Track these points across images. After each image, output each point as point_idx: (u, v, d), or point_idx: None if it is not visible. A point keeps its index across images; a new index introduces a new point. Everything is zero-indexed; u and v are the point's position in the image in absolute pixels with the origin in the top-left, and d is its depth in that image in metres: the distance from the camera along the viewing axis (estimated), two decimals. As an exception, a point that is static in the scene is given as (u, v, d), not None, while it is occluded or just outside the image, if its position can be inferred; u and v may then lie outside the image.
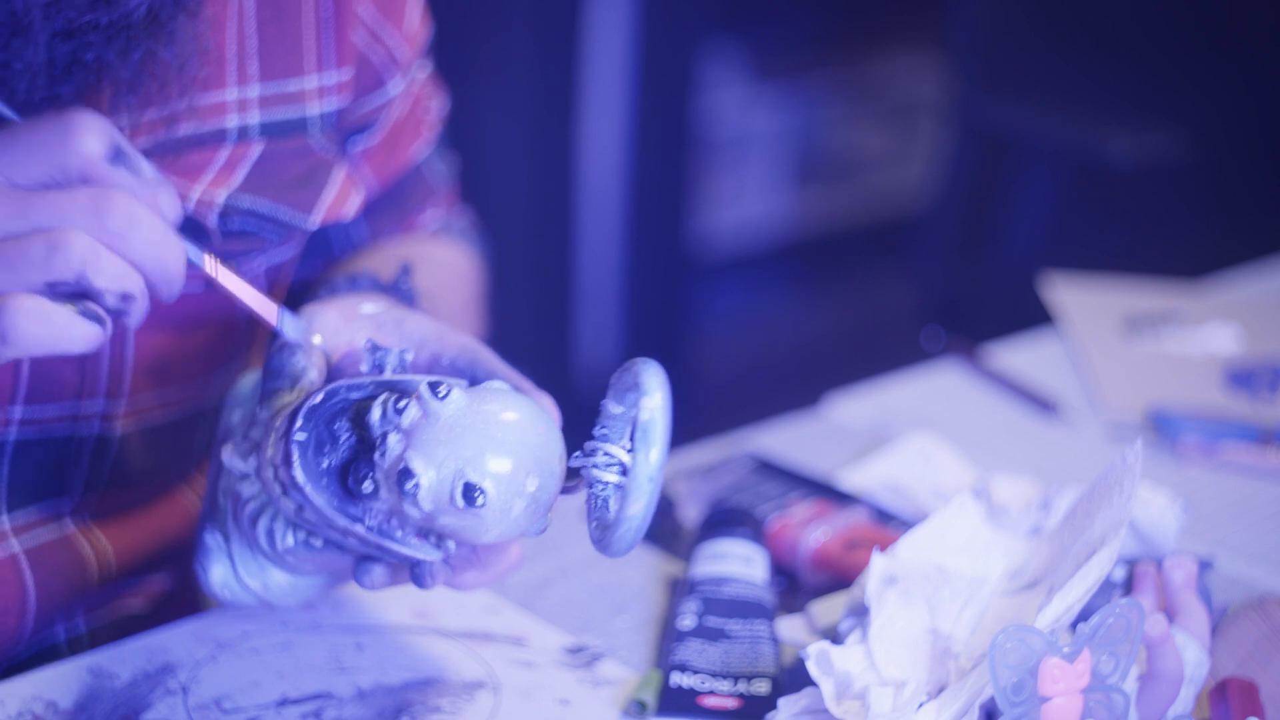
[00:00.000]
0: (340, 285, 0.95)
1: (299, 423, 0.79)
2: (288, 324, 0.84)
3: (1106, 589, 0.97)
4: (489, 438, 0.76)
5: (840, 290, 3.89)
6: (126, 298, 0.76)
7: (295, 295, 1.15)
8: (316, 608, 0.98)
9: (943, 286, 2.74)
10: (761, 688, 0.92)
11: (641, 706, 0.91)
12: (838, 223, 3.93)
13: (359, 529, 0.79)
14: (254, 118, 0.97)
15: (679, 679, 0.92)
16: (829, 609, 1.00)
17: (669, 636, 0.97)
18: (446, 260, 1.15)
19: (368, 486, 0.78)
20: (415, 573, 0.82)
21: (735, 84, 3.67)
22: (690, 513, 1.13)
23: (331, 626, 0.97)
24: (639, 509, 0.75)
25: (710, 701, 0.91)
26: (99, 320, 0.75)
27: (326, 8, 1.01)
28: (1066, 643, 0.84)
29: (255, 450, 0.83)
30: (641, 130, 3.13)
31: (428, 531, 0.80)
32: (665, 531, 1.12)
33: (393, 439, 0.77)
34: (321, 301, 0.90)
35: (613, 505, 0.77)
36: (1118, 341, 1.48)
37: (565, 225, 3.07)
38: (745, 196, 3.76)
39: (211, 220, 0.96)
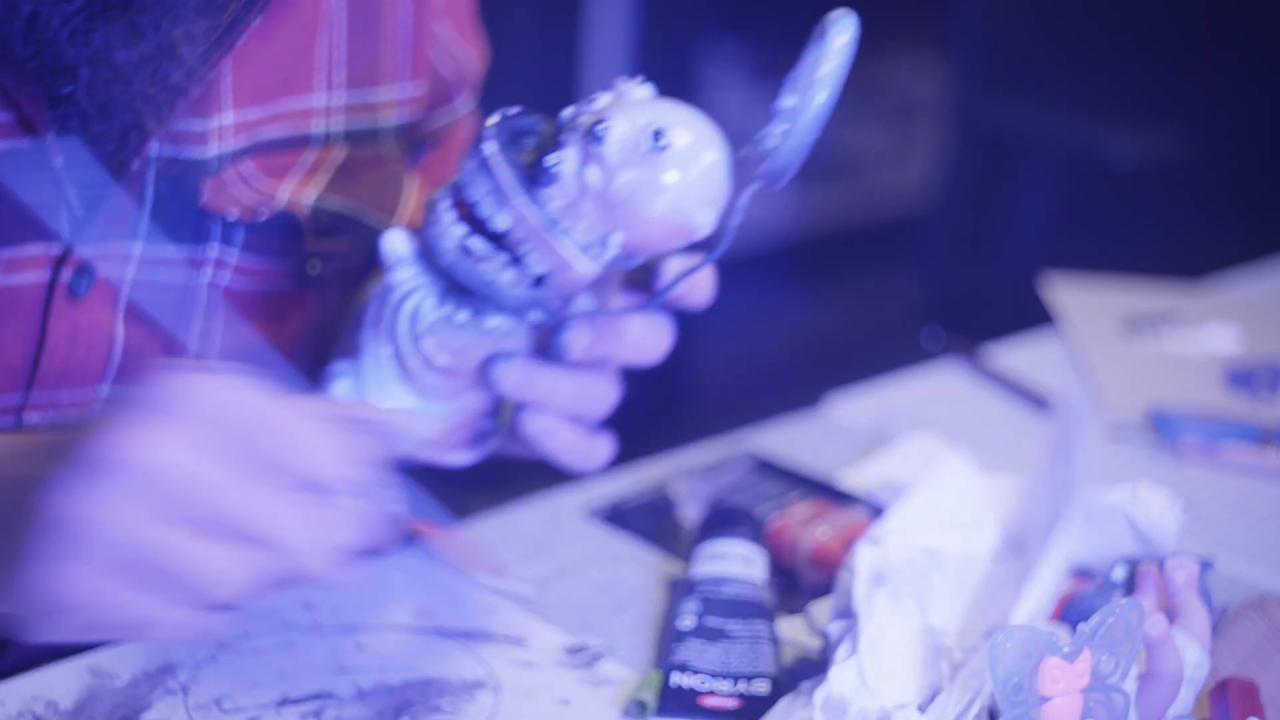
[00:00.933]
0: None
1: (495, 119, 0.84)
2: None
3: (1107, 589, 0.98)
4: (678, 109, 0.84)
5: (840, 290, 3.89)
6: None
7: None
8: (316, 607, 0.99)
9: (943, 286, 2.74)
10: (761, 688, 0.92)
11: (642, 707, 0.91)
12: (838, 223, 3.93)
13: (532, 211, 0.82)
14: (339, 124, 0.99)
15: (679, 679, 0.92)
16: (829, 610, 1.00)
17: (669, 637, 0.96)
18: None
19: (553, 159, 0.82)
20: (557, 341, 0.87)
21: (735, 84, 3.67)
22: (690, 513, 1.13)
23: (331, 626, 0.97)
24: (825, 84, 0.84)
25: (710, 702, 0.91)
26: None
27: (406, 21, 1.02)
28: (1066, 642, 0.84)
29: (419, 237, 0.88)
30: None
31: (590, 241, 0.83)
32: (665, 531, 1.12)
33: (586, 115, 0.83)
34: None
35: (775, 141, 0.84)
36: (1118, 341, 1.48)
37: (565, 225, 3.07)
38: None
39: (302, 220, 0.98)
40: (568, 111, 0.84)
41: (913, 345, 1.55)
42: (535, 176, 0.83)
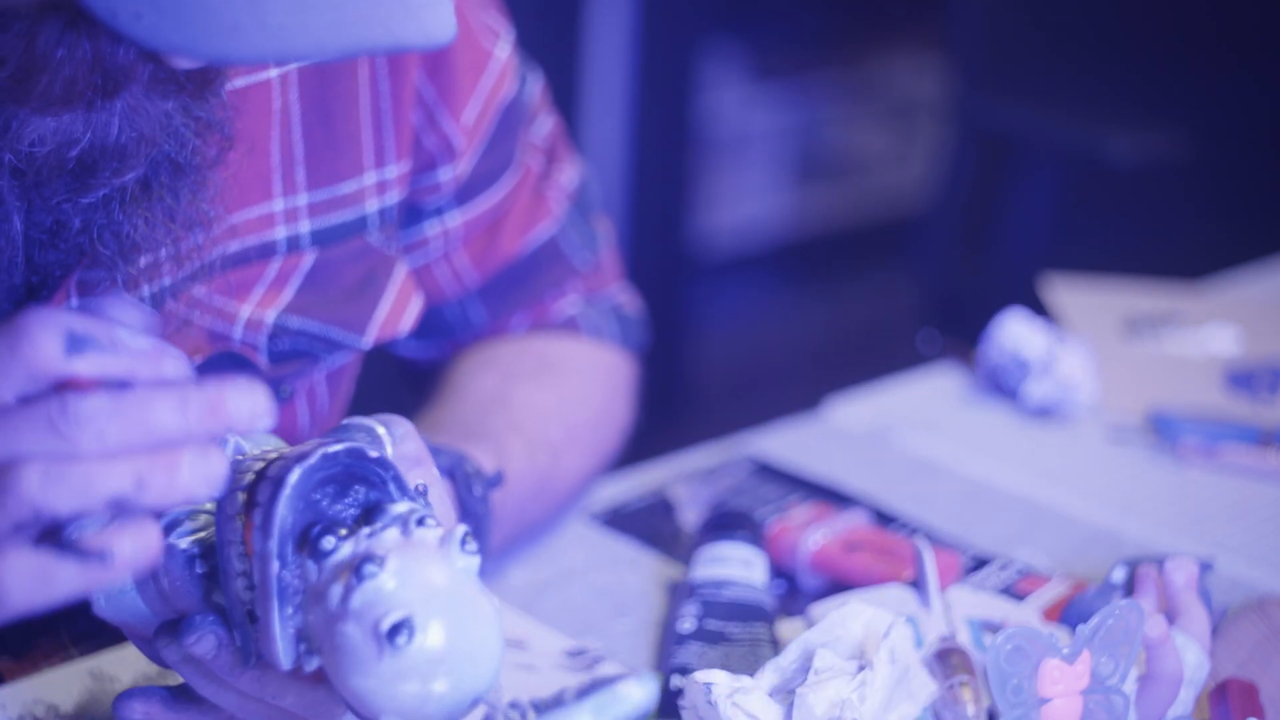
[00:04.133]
0: None
1: (335, 444, 0.72)
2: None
3: (1107, 590, 0.98)
4: (466, 613, 0.69)
5: (840, 290, 3.89)
6: (116, 502, 0.66)
7: (409, 373, 1.15)
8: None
9: (942, 286, 2.74)
10: (762, 690, 0.92)
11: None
12: (838, 222, 3.93)
13: (273, 567, 0.70)
14: (304, 226, 0.95)
15: (679, 682, 0.92)
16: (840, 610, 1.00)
17: (669, 640, 0.97)
18: (561, 375, 1.11)
19: (328, 543, 0.70)
20: (233, 652, 0.73)
21: (735, 84, 3.67)
22: (690, 516, 1.13)
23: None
24: None
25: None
26: (83, 553, 0.66)
27: (385, 100, 0.98)
28: (1066, 644, 0.84)
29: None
30: (642, 130, 3.13)
31: (307, 638, 0.71)
32: (665, 535, 1.12)
33: (392, 533, 0.71)
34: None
35: None
36: (1118, 342, 1.48)
37: (566, 225, 3.07)
38: (745, 196, 3.76)
39: (261, 341, 0.94)
40: (404, 506, 0.71)
41: (913, 345, 1.55)
42: (312, 542, 0.70)
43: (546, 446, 1.05)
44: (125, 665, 0.92)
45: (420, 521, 0.71)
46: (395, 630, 0.67)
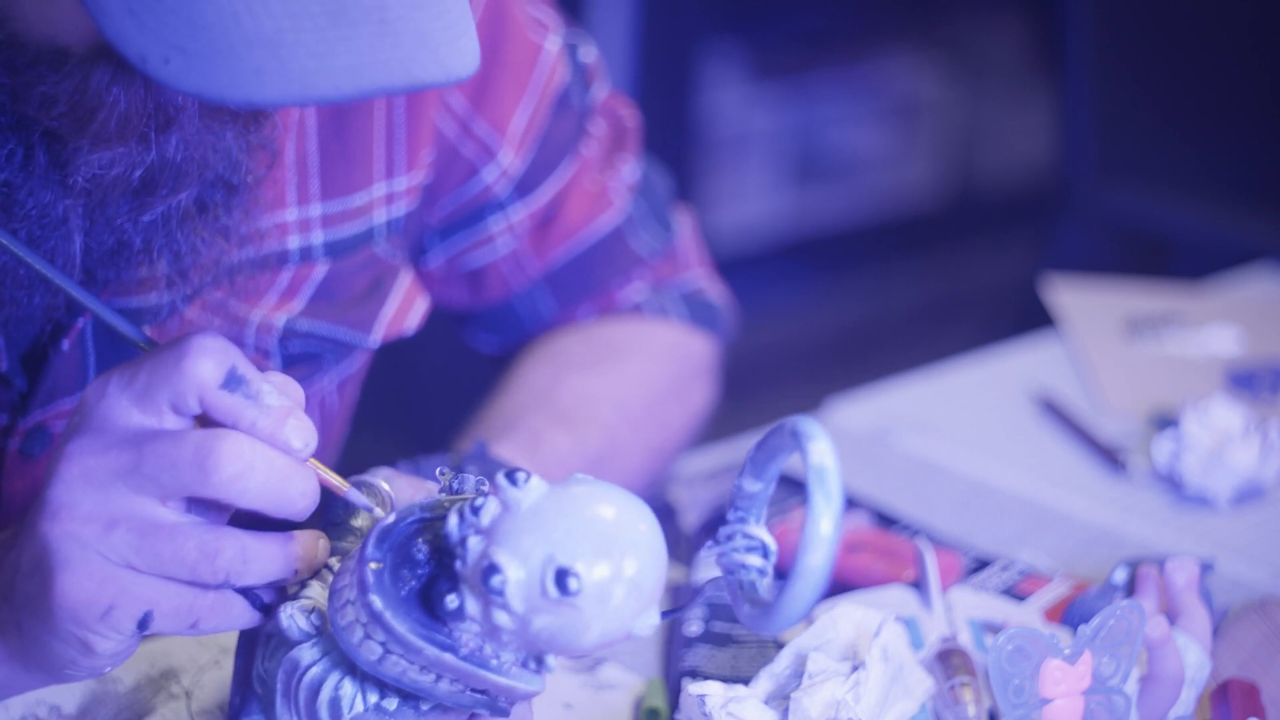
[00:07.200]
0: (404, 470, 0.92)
1: (370, 548, 0.73)
2: (354, 494, 0.77)
3: (1109, 591, 0.98)
4: (577, 518, 0.70)
5: (840, 290, 3.89)
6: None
7: (494, 367, 1.18)
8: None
9: (948, 286, 2.70)
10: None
11: (655, 714, 0.90)
12: (837, 222, 3.93)
13: (449, 658, 0.71)
14: (317, 237, 0.97)
15: (690, 684, 0.92)
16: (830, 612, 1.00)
17: (676, 643, 0.96)
18: (620, 357, 1.14)
19: (452, 601, 0.70)
20: None
21: (735, 84, 3.67)
22: (691, 519, 1.13)
23: (334, 630, 0.97)
24: (815, 570, 0.68)
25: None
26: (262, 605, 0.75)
27: (399, 113, 0.99)
28: (1067, 645, 0.84)
29: (318, 608, 0.76)
30: (642, 129, 3.14)
31: (526, 656, 0.72)
32: (667, 538, 1.12)
33: (473, 541, 0.70)
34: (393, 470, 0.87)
35: (762, 587, 0.73)
36: (1119, 343, 1.48)
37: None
38: (745, 196, 3.76)
39: (273, 345, 0.96)
40: (453, 518, 0.71)
41: (913, 346, 1.55)
42: (436, 611, 0.71)
43: (599, 427, 1.08)
44: (128, 667, 0.92)
45: (475, 510, 0.71)
46: (560, 585, 0.68)
